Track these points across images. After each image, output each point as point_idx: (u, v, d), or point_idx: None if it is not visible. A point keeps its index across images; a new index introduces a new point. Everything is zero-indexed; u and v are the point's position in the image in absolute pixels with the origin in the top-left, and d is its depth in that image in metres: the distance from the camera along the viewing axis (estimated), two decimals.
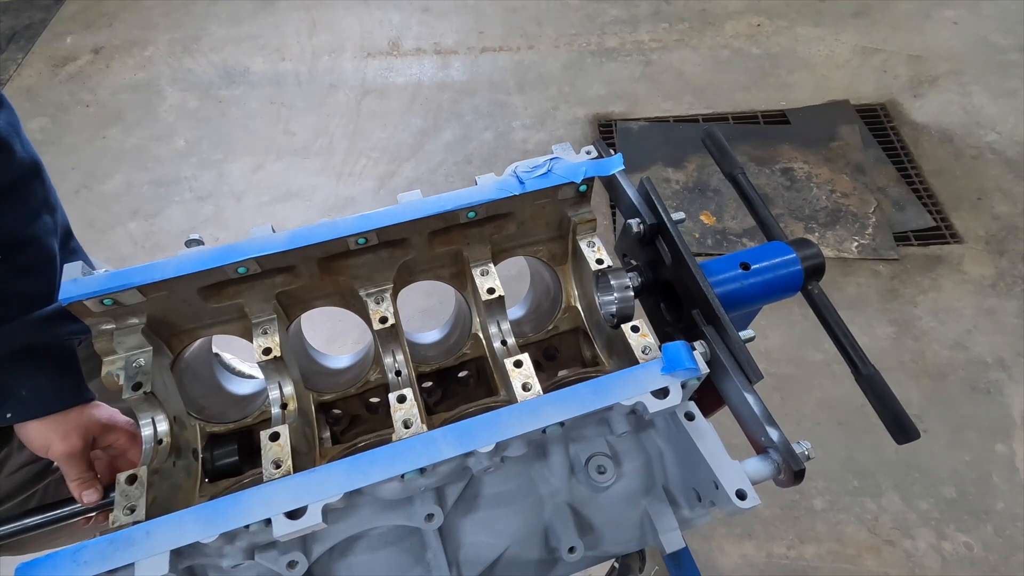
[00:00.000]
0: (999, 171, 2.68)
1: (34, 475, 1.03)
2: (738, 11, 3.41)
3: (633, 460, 0.77)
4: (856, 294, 2.36)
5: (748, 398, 0.69)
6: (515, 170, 0.84)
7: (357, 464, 0.61)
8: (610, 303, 0.79)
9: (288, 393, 0.82)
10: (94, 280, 0.71)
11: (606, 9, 3.49)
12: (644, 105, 3.03)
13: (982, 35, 3.17)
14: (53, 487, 1.05)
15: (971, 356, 2.19)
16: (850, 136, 2.81)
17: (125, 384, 0.74)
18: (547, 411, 0.65)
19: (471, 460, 0.66)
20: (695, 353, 0.70)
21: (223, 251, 0.75)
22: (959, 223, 2.53)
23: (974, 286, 2.35)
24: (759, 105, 2.99)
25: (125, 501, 0.65)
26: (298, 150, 3.00)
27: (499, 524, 0.74)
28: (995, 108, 2.88)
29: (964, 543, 1.83)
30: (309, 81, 3.26)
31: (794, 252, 0.84)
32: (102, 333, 0.75)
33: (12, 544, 0.89)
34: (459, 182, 2.82)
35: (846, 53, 3.17)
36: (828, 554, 1.83)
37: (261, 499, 0.60)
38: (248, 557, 0.64)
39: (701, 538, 1.87)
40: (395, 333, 0.84)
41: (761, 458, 0.68)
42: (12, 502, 1.02)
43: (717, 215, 2.60)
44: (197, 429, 0.85)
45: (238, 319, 0.84)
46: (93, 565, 0.57)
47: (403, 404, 0.71)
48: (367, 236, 0.78)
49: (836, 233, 2.51)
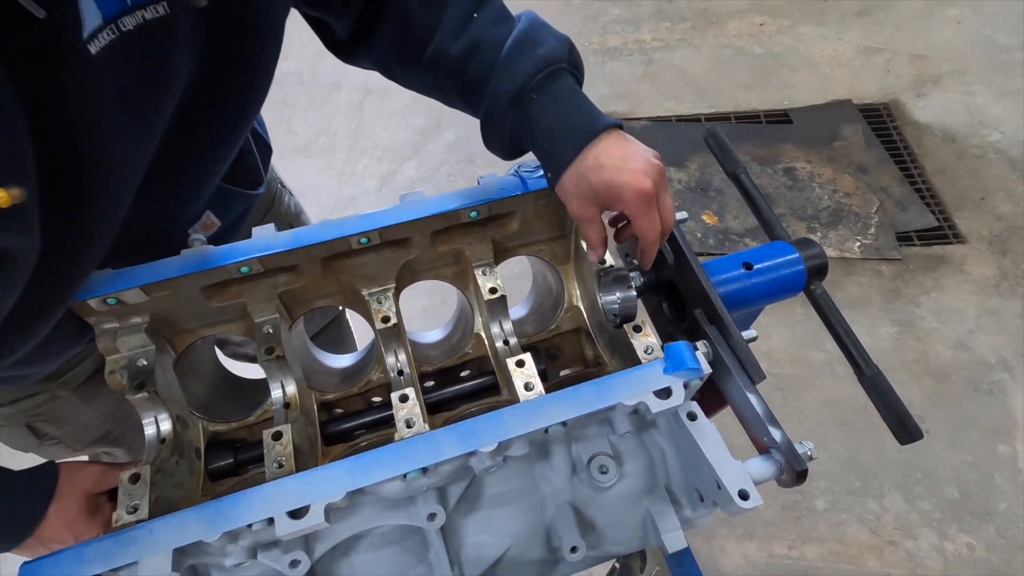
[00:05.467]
0: (1002, 171, 2.67)
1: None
2: (740, 10, 3.40)
3: (635, 460, 0.77)
4: (858, 294, 2.35)
5: (750, 398, 0.69)
6: (517, 169, 0.84)
7: (359, 463, 0.62)
8: (612, 303, 0.79)
9: (291, 392, 0.82)
10: (97, 279, 0.71)
11: (608, 8, 3.49)
12: (646, 104, 3.03)
13: (985, 34, 3.16)
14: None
15: (974, 356, 2.18)
16: (853, 136, 2.80)
17: (128, 383, 0.74)
18: (549, 411, 0.65)
19: (473, 460, 0.66)
20: (697, 353, 0.69)
21: (226, 250, 0.75)
22: (962, 223, 2.52)
23: (977, 286, 2.35)
24: (761, 104, 2.99)
25: (128, 500, 0.65)
26: (300, 149, 3.00)
27: (501, 524, 0.74)
28: (998, 108, 2.87)
29: (966, 544, 1.83)
30: (311, 80, 3.26)
31: (797, 252, 0.84)
32: (105, 332, 0.75)
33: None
34: (461, 181, 2.82)
35: (849, 52, 3.16)
36: (830, 554, 1.83)
37: (264, 498, 0.60)
38: (251, 556, 0.64)
39: (703, 538, 1.87)
40: (397, 332, 0.84)
41: (764, 458, 0.68)
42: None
43: (719, 215, 2.60)
44: (200, 427, 0.85)
45: (241, 318, 0.84)
46: (96, 564, 0.57)
47: (405, 403, 0.72)
48: (369, 236, 0.78)
49: (839, 233, 2.50)
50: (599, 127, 0.70)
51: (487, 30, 0.73)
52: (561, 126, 0.70)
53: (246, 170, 0.91)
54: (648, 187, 0.68)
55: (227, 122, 0.76)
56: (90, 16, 0.52)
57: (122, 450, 1.06)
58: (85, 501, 0.77)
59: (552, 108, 0.71)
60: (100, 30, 0.53)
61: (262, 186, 0.96)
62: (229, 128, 0.77)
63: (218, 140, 0.77)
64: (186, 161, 0.74)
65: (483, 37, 0.73)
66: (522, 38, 0.72)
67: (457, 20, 0.74)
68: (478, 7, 0.75)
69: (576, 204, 0.72)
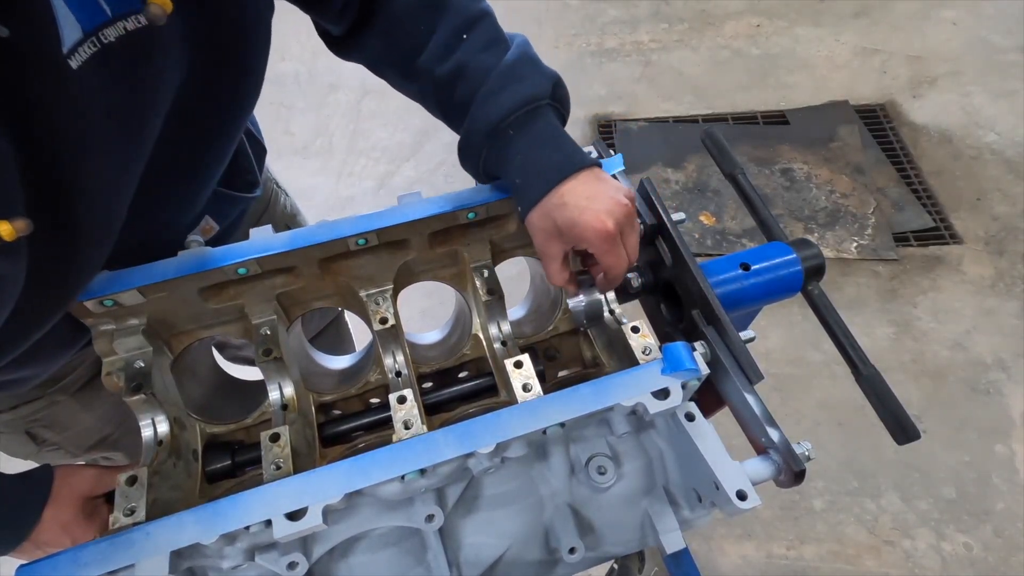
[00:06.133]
0: (998, 172, 2.68)
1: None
2: (738, 11, 3.41)
3: (633, 461, 0.77)
4: (856, 294, 2.36)
5: (748, 399, 0.70)
6: None
7: (357, 465, 0.62)
8: (578, 303, 0.80)
9: (288, 394, 0.82)
10: (94, 281, 0.71)
11: (606, 9, 3.49)
12: (644, 105, 3.03)
13: (981, 36, 3.17)
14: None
15: (971, 356, 2.19)
16: (849, 137, 2.81)
17: (125, 385, 0.74)
18: (547, 412, 0.65)
19: (471, 461, 0.66)
20: (695, 354, 0.70)
21: (223, 252, 0.75)
22: (958, 223, 2.53)
23: (973, 287, 2.36)
24: (759, 105, 3.00)
25: (125, 502, 0.65)
26: (297, 150, 3.00)
27: (500, 525, 0.74)
28: (994, 109, 2.88)
29: (964, 543, 1.83)
30: (309, 81, 3.26)
31: (794, 252, 0.84)
32: (102, 334, 0.75)
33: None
34: (459, 183, 2.82)
35: (845, 54, 3.17)
36: (828, 554, 1.83)
37: (261, 500, 0.60)
38: (248, 558, 0.64)
39: (701, 538, 1.87)
40: (395, 334, 0.84)
41: (762, 458, 0.68)
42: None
43: (717, 215, 2.61)
44: (197, 429, 0.85)
45: (238, 320, 0.84)
46: (93, 566, 0.57)
47: (403, 405, 0.71)
48: (367, 237, 0.78)
49: (836, 233, 2.51)
50: (571, 167, 0.71)
51: (474, 56, 0.73)
52: (534, 164, 0.71)
53: (242, 172, 0.91)
54: (610, 227, 0.69)
55: (220, 126, 0.76)
56: (69, 31, 0.50)
57: (121, 454, 1.06)
58: (81, 504, 0.76)
59: (527, 146, 0.71)
60: (80, 44, 0.51)
61: (258, 188, 0.95)
62: (223, 132, 0.77)
63: (212, 145, 0.76)
64: (181, 169, 0.74)
65: (469, 63, 0.73)
66: (506, 71, 0.72)
67: (445, 40, 0.74)
68: (469, 28, 0.74)
69: (540, 240, 0.74)
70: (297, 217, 1.19)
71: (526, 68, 0.73)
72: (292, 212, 1.17)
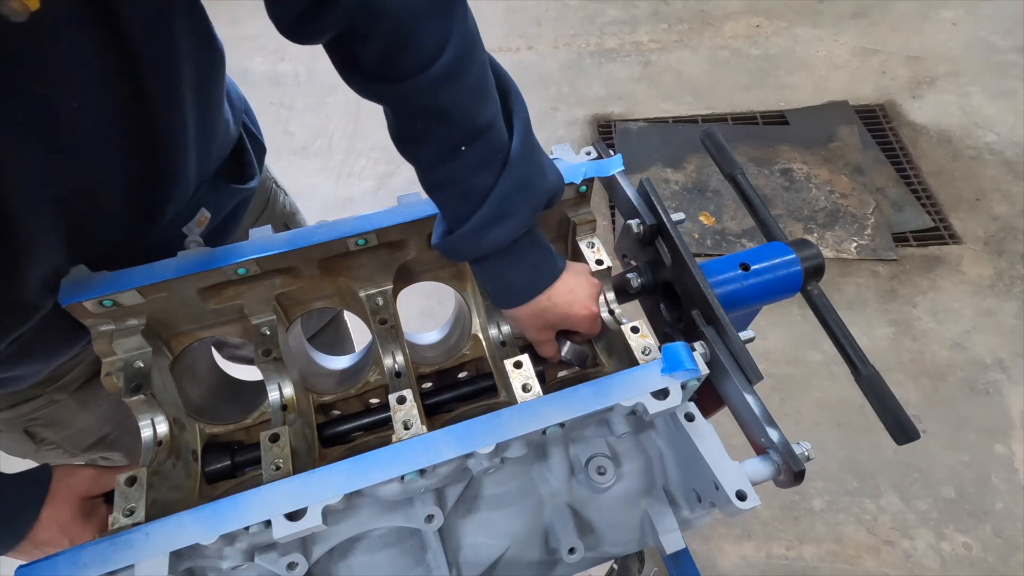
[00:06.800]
0: (998, 172, 2.68)
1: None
2: (737, 12, 3.41)
3: (633, 461, 0.77)
4: (855, 295, 2.36)
5: (748, 399, 0.70)
6: None
7: (357, 465, 0.61)
8: (568, 353, 0.85)
9: (288, 394, 0.82)
10: (94, 281, 0.71)
11: (605, 10, 3.49)
12: (643, 106, 3.03)
13: (980, 36, 3.18)
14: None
15: (970, 357, 2.19)
16: (849, 137, 2.81)
17: (124, 386, 0.74)
18: (547, 412, 0.65)
19: (471, 461, 0.66)
20: (695, 354, 0.70)
21: (223, 252, 0.75)
22: (958, 224, 2.53)
23: (973, 287, 2.36)
24: (758, 106, 3.00)
25: (124, 503, 0.65)
26: (297, 150, 3.00)
27: (499, 525, 0.74)
28: (993, 109, 2.88)
29: (963, 543, 1.84)
30: (308, 81, 3.26)
31: (794, 252, 0.84)
32: (101, 334, 0.75)
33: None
34: None
35: (845, 54, 3.17)
36: (827, 554, 1.84)
37: (261, 500, 0.60)
38: (248, 559, 0.64)
39: (701, 539, 1.87)
40: (395, 334, 0.84)
41: (761, 459, 0.68)
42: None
43: (716, 216, 2.61)
44: (197, 430, 0.85)
45: (238, 320, 0.84)
46: (92, 567, 0.57)
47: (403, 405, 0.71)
48: (367, 237, 0.78)
49: (835, 234, 2.51)
50: (551, 278, 0.77)
51: (466, 176, 0.69)
52: (516, 281, 0.77)
53: (241, 165, 0.91)
54: (595, 310, 0.80)
55: (177, 106, 0.70)
56: None
57: (120, 454, 1.05)
58: (80, 504, 0.76)
59: (508, 265, 0.75)
60: None
61: (255, 180, 0.94)
62: (182, 113, 0.71)
63: (174, 126, 0.71)
64: (155, 154, 0.70)
65: (460, 182, 0.69)
66: (497, 205, 0.69)
67: (441, 150, 0.69)
68: (470, 141, 0.68)
69: (533, 332, 0.82)
70: (296, 216, 1.19)
71: (516, 199, 0.70)
72: (291, 211, 1.17)
